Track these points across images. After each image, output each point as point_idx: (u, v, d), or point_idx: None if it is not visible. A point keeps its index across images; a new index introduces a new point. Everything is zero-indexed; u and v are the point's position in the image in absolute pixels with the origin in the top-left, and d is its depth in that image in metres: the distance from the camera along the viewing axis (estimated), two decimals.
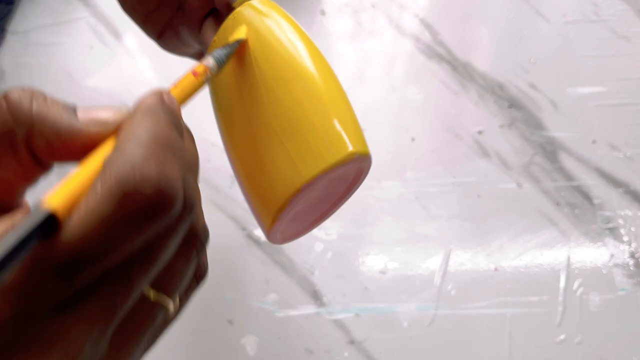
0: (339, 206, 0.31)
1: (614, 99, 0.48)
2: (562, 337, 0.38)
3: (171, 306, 0.18)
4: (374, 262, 0.42)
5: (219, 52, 0.25)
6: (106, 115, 0.18)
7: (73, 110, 0.18)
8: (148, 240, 0.16)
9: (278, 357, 0.40)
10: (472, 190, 0.45)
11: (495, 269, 0.41)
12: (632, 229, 0.42)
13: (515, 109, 0.48)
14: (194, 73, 0.23)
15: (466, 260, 0.42)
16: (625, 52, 0.51)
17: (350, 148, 0.25)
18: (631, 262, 0.41)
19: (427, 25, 0.54)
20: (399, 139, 0.48)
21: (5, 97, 0.17)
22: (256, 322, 0.41)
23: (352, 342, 0.40)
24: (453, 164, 0.46)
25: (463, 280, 0.41)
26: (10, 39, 0.55)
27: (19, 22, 0.56)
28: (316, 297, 0.42)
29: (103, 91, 0.51)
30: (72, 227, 0.15)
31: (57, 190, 0.16)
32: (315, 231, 0.44)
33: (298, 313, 0.41)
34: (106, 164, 0.16)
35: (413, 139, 0.48)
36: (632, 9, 0.53)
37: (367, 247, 0.43)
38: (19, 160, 0.17)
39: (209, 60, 0.25)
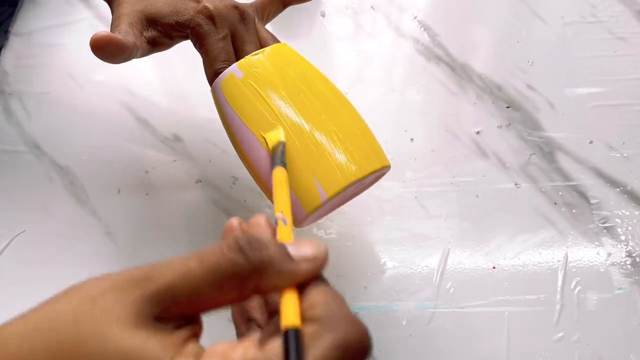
0: (349, 201, 0.39)
1: (612, 99, 0.49)
2: (560, 335, 0.39)
3: None
4: (373, 261, 0.43)
5: (280, 158, 0.31)
6: (312, 252, 0.22)
7: (287, 250, 0.21)
8: None
9: None
10: (471, 190, 0.45)
11: (494, 268, 0.42)
12: (629, 228, 0.43)
13: (513, 110, 0.49)
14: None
15: (465, 259, 0.42)
16: (622, 53, 0.51)
17: (388, 160, 0.36)
18: (628, 261, 0.41)
19: (426, 27, 0.54)
20: (398, 140, 0.48)
21: (242, 247, 0.20)
22: None
23: None
24: (452, 164, 0.46)
25: (461, 279, 0.41)
26: (13, 40, 0.55)
27: (22, 23, 0.57)
28: None
29: (105, 92, 0.51)
30: None
31: (285, 314, 0.20)
32: (315, 230, 0.44)
33: None
34: (328, 322, 0.19)
35: (412, 140, 0.48)
36: (629, 10, 0.53)
37: (366, 246, 0.43)
38: (240, 293, 0.21)
39: (280, 168, 0.30)
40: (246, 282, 0.20)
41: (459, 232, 0.43)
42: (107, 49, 0.33)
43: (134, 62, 0.55)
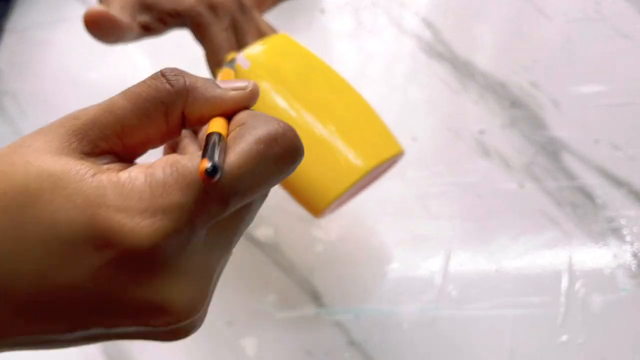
0: (364, 189, 0.39)
1: (616, 98, 0.48)
2: (564, 338, 0.38)
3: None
4: (374, 262, 0.42)
5: (230, 65, 0.32)
6: (241, 83, 0.22)
7: (214, 81, 0.21)
8: (270, 186, 0.20)
9: (278, 358, 0.40)
10: (473, 190, 0.45)
11: (497, 270, 0.41)
12: (635, 229, 0.42)
13: (517, 108, 0.48)
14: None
15: (467, 260, 0.42)
16: (627, 51, 0.51)
17: (401, 147, 0.36)
18: (634, 262, 0.41)
19: (428, 24, 0.53)
20: (399, 138, 0.47)
21: (162, 74, 0.20)
22: (256, 323, 0.41)
23: (352, 343, 0.40)
24: (454, 164, 0.46)
25: (464, 280, 0.41)
26: (8, 37, 0.55)
27: (17, 20, 0.56)
28: (316, 298, 0.41)
29: (100, 89, 0.51)
30: (232, 162, 0.18)
31: (212, 124, 0.20)
32: (315, 231, 0.44)
33: (298, 314, 0.41)
34: (251, 123, 0.19)
35: (414, 139, 0.47)
36: (634, 7, 0.53)
37: (368, 247, 0.43)
38: (168, 124, 0.20)
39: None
40: (172, 108, 0.20)
41: (462, 233, 0.43)
42: (102, 25, 0.33)
43: (130, 59, 0.55)
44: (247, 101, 0.22)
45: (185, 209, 0.17)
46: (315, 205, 0.34)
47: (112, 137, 0.20)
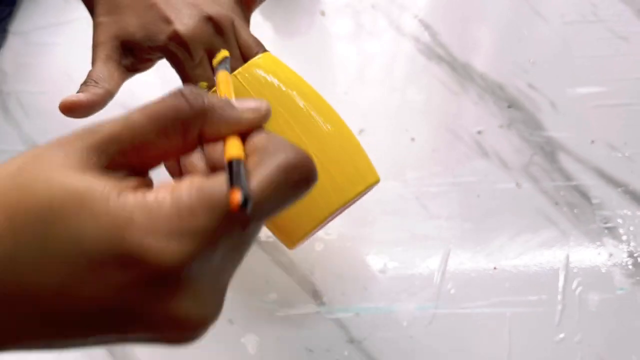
0: (337, 216, 0.38)
1: (613, 99, 0.48)
2: (562, 336, 0.39)
3: None
4: (373, 261, 0.43)
5: (224, 65, 0.31)
6: (255, 104, 0.22)
7: (230, 102, 0.22)
8: (285, 209, 0.20)
9: (278, 356, 0.40)
10: (472, 190, 0.45)
11: (495, 269, 0.41)
12: (631, 228, 0.42)
13: (515, 109, 0.48)
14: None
15: (466, 259, 0.42)
16: (624, 52, 0.51)
17: (378, 176, 0.35)
18: (630, 261, 0.41)
19: (427, 26, 0.54)
20: (398, 139, 0.48)
21: (182, 93, 0.21)
22: (256, 321, 0.41)
23: (351, 341, 0.40)
24: (453, 164, 0.46)
25: (462, 279, 0.41)
26: (12, 39, 0.55)
27: (20, 22, 0.56)
28: (316, 296, 0.42)
29: None
30: (255, 189, 0.19)
31: (228, 148, 0.21)
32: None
33: (298, 312, 0.41)
34: (271, 150, 0.20)
35: (413, 139, 0.48)
36: (630, 9, 0.53)
37: (367, 246, 0.43)
38: (185, 142, 0.21)
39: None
40: (190, 127, 0.21)
41: (460, 233, 0.43)
42: (77, 112, 0.35)
43: None
44: (261, 122, 0.22)
45: (210, 232, 0.18)
46: (290, 239, 0.34)
47: (130, 153, 0.20)
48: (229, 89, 0.26)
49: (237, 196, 0.17)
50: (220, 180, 0.19)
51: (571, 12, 0.53)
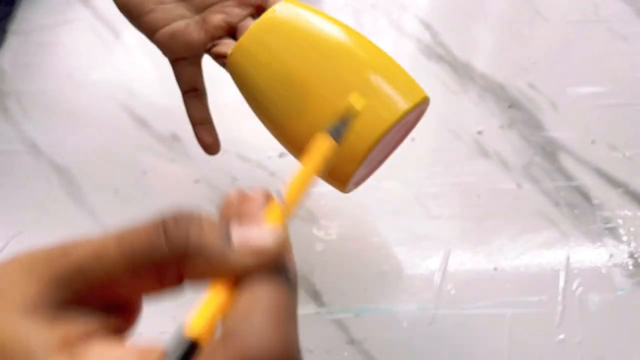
0: (393, 151, 0.37)
1: (614, 99, 0.48)
2: (562, 337, 0.39)
3: None
4: (373, 262, 0.42)
5: (337, 129, 0.24)
6: (263, 242, 0.17)
7: (228, 236, 0.17)
8: None
9: None
10: (472, 191, 0.45)
11: (495, 269, 0.41)
12: (632, 229, 0.42)
13: (515, 109, 0.48)
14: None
15: (466, 260, 0.42)
16: (624, 53, 0.51)
17: (425, 93, 0.32)
18: (630, 262, 0.41)
19: (427, 26, 0.54)
20: None
21: (165, 227, 0.17)
22: None
23: (351, 342, 0.40)
24: (453, 164, 0.46)
25: (463, 280, 0.41)
26: (11, 39, 0.55)
27: (20, 22, 0.56)
28: (316, 297, 0.42)
29: (103, 92, 0.51)
30: None
31: (196, 318, 0.16)
32: (315, 231, 0.44)
33: (298, 313, 0.41)
34: (233, 332, 0.16)
35: (413, 139, 0.48)
36: (631, 9, 0.53)
37: (367, 247, 0.43)
38: (161, 283, 0.18)
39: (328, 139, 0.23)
40: (165, 270, 0.17)
41: (460, 233, 0.43)
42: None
43: (132, 60, 0.55)
44: (266, 266, 0.17)
45: None
46: (341, 176, 0.31)
47: (99, 289, 0.17)
48: (279, 213, 0.20)
49: None
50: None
51: (572, 12, 0.53)
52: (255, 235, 0.18)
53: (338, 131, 0.23)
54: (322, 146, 0.22)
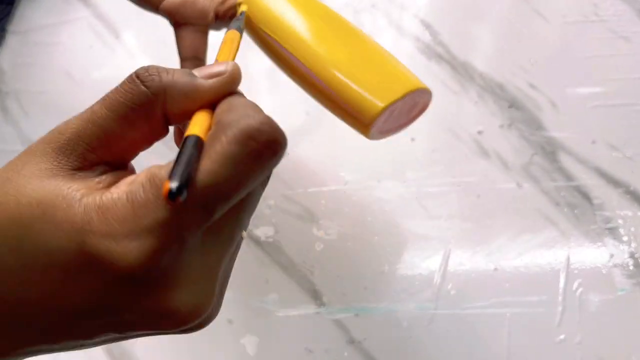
0: (408, 125, 0.38)
1: (614, 99, 0.48)
2: (562, 337, 0.39)
3: (245, 235, 0.21)
4: (373, 261, 0.42)
5: (237, 24, 0.30)
6: (218, 69, 0.21)
7: (190, 72, 0.20)
8: (257, 183, 0.19)
9: (278, 356, 0.40)
10: (472, 190, 0.45)
11: (495, 269, 0.41)
12: (632, 229, 0.42)
13: (515, 109, 0.48)
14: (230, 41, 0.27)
15: (466, 260, 0.42)
16: (625, 52, 0.51)
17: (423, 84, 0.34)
18: (631, 262, 0.41)
19: (427, 26, 0.54)
20: (398, 139, 0.47)
21: (137, 75, 0.20)
22: (256, 321, 0.41)
23: (351, 341, 0.40)
24: (453, 164, 0.46)
25: (462, 280, 0.41)
26: (11, 38, 0.55)
27: (19, 22, 0.56)
28: (316, 296, 0.42)
29: (103, 91, 0.51)
30: (207, 168, 0.17)
31: (190, 128, 0.19)
32: (315, 231, 0.44)
33: (298, 313, 0.41)
34: (225, 121, 0.18)
35: (413, 139, 0.48)
36: (632, 9, 0.53)
37: (367, 246, 0.43)
38: (151, 125, 0.20)
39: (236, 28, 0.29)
40: (152, 111, 0.20)
41: (460, 233, 0.43)
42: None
43: (132, 59, 0.55)
44: (228, 87, 0.21)
45: (169, 225, 0.17)
46: (366, 115, 0.32)
47: (99, 148, 0.19)
48: (230, 51, 0.24)
49: (166, 188, 0.16)
50: (169, 168, 0.17)
51: (572, 12, 0.53)
52: (212, 67, 0.21)
53: (239, 28, 0.29)
54: (233, 34, 0.27)
